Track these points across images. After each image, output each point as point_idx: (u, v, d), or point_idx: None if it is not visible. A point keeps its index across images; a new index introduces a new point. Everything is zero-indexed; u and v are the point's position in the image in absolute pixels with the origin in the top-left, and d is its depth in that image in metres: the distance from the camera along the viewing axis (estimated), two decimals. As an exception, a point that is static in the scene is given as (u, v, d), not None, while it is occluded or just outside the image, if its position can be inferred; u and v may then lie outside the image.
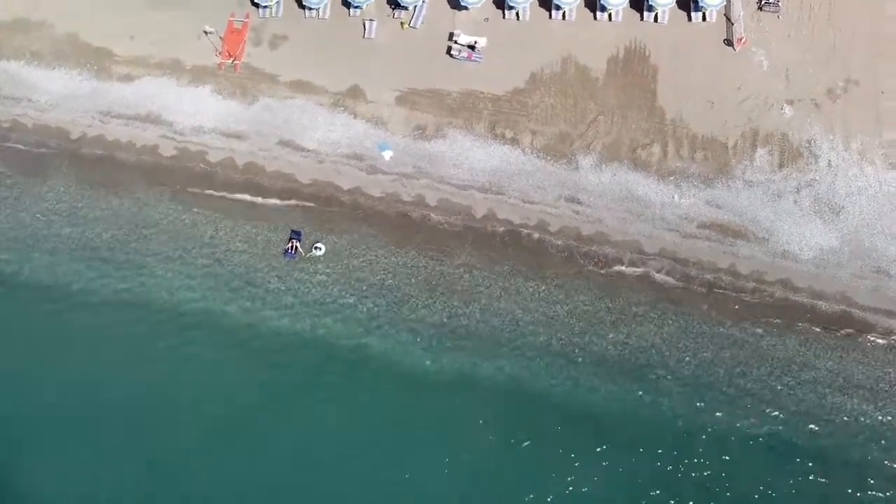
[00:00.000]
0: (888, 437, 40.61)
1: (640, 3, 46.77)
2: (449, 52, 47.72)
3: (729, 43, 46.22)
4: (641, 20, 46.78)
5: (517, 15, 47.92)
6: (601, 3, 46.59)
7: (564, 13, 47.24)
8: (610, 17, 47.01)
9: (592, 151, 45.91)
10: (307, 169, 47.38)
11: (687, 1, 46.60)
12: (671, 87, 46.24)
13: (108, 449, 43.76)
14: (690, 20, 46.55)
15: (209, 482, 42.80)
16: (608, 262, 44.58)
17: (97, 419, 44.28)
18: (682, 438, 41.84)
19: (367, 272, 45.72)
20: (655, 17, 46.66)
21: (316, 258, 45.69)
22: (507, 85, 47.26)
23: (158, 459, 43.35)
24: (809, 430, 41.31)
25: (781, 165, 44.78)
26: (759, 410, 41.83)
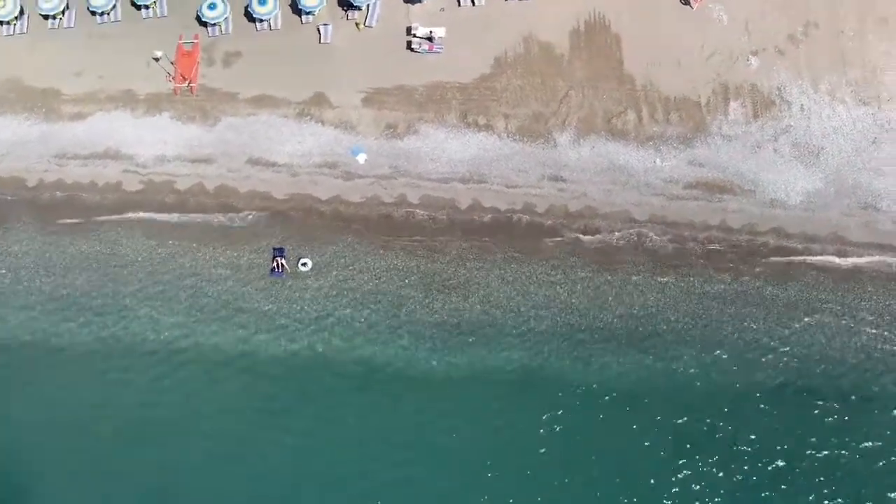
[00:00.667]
0: (902, 366, 40.88)
1: (593, -27, 46.48)
2: (409, 46, 46.79)
3: (686, 2, 46.18)
4: (597, -10, 46.57)
5: (472, 0, 47.17)
6: (555, -23, 46.18)
7: (520, -7, 46.74)
8: (566, -10, 46.65)
9: (568, 127, 45.41)
10: (281, 184, 45.96)
11: (640, -35, 46.46)
12: (636, 53, 46.01)
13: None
14: (646, -16, 46.48)
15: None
16: (600, 235, 44.06)
17: (99, 471, 42.28)
18: (700, 400, 41.59)
19: (358, 280, 44.50)
20: (611, -15, 46.40)
21: (304, 274, 44.27)
22: (472, 72, 46.51)
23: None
24: (824, 371, 41.45)
25: (756, 116, 44.85)
26: (772, 360, 41.77)
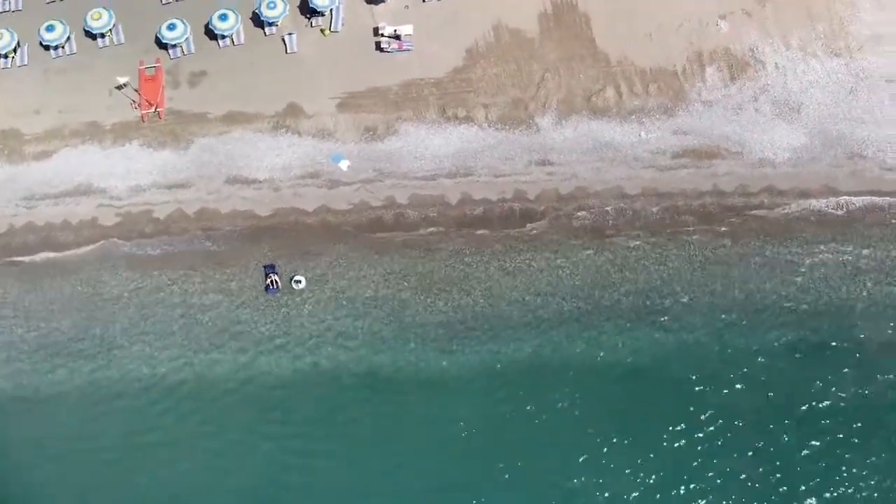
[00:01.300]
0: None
1: (555, -46, 46.22)
2: (378, 47, 45.96)
3: (650, -26, 46.13)
4: (560, -29, 46.33)
5: (436, -6, 46.58)
6: (518, -38, 45.80)
7: (483, -19, 46.22)
8: (529, -26, 46.27)
9: (549, 110, 44.93)
10: (264, 200, 44.64)
11: (600, -58, 46.28)
12: (607, 29, 45.85)
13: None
14: (607, -41, 46.33)
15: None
16: (595, 214, 43.55)
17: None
18: (716, 367, 41.18)
19: (356, 289, 43.31)
20: (574, -36, 46.17)
21: (299, 290, 42.93)
22: (445, 66, 45.83)
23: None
24: (835, 321, 41.34)
25: (733, 79, 44.88)
26: (782, 317, 41.55)
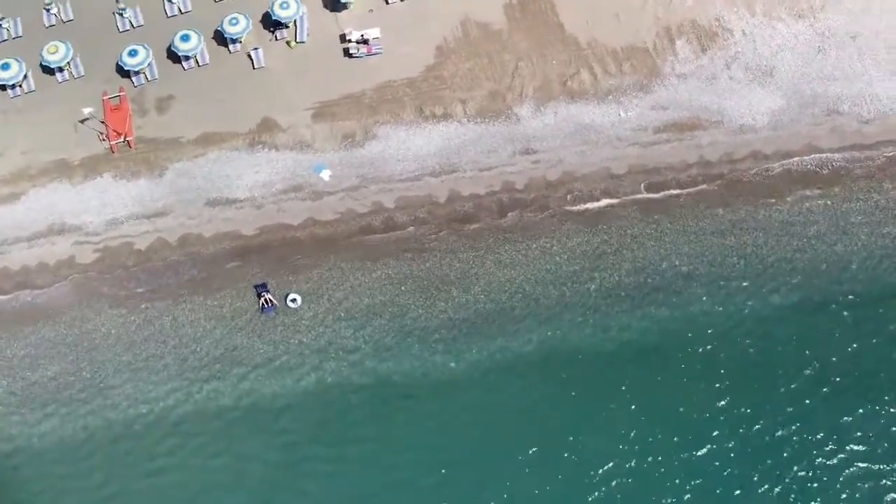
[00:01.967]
0: (907, 254, 41.32)
1: (514, -56, 46.09)
2: (347, 53, 45.23)
3: (609, -45, 46.27)
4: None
5: (399, -4, 46.09)
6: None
7: (446, -22, 45.88)
8: (491, -33, 46.04)
9: (526, 99, 44.61)
10: (248, 219, 43.42)
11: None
12: (573, 14, 45.84)
13: None
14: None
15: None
16: (585, 197, 43.24)
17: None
18: (725, 335, 40.94)
19: (353, 300, 42.24)
20: (534, -48, 46.08)
21: (294, 309, 41.71)
22: (417, 65, 45.30)
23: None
24: (835, 277, 41.46)
25: (703, 50, 45.12)
26: (783, 279, 41.52)
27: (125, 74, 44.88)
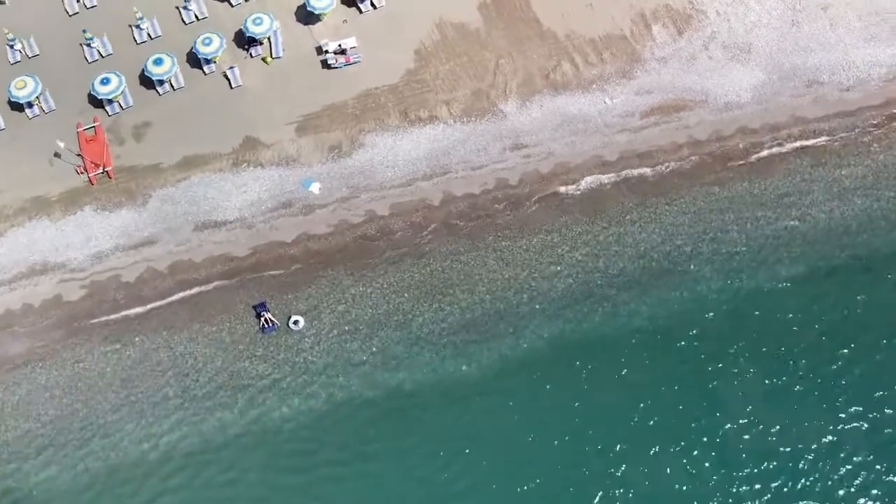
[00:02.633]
0: (904, 213, 41.49)
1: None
2: (326, 64, 44.48)
3: (576, -52, 46.40)
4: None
5: (372, 4, 45.60)
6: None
7: (417, -18, 45.53)
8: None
9: (511, 95, 44.24)
10: (240, 240, 42.14)
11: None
12: (547, 8, 45.82)
13: None
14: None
15: None
16: (580, 187, 42.83)
17: None
18: (735, 312, 40.53)
19: (356, 312, 41.07)
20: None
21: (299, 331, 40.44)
22: (397, 71, 44.74)
23: None
24: (836, 244, 41.42)
25: (680, 32, 45.31)
26: (786, 250, 41.37)
27: (98, 104, 43.56)
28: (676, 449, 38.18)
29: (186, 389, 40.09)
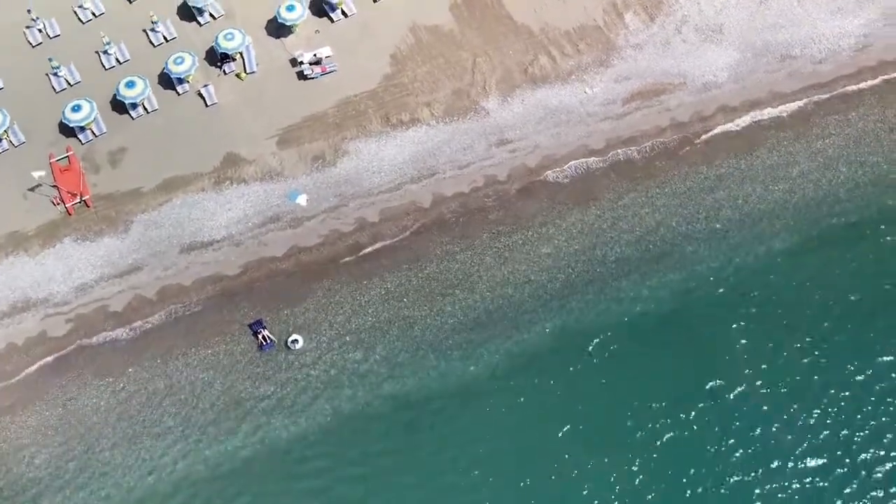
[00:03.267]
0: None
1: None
2: (302, 76, 43.79)
3: (541, -56, 46.60)
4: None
5: (343, 13, 45.17)
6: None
7: (386, -12, 45.20)
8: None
9: (491, 92, 44.00)
10: (229, 258, 40.94)
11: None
12: (519, 3, 45.90)
13: None
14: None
15: None
16: (569, 176, 42.56)
17: None
18: (738, 288, 40.27)
19: (355, 322, 40.03)
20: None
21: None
22: (374, 77, 44.26)
23: None
24: (828, 212, 41.57)
25: (652, 18, 45.65)
26: (780, 223, 41.44)
27: (70, 133, 42.26)
28: (687, 433, 37.58)
29: (187, 418, 38.53)
